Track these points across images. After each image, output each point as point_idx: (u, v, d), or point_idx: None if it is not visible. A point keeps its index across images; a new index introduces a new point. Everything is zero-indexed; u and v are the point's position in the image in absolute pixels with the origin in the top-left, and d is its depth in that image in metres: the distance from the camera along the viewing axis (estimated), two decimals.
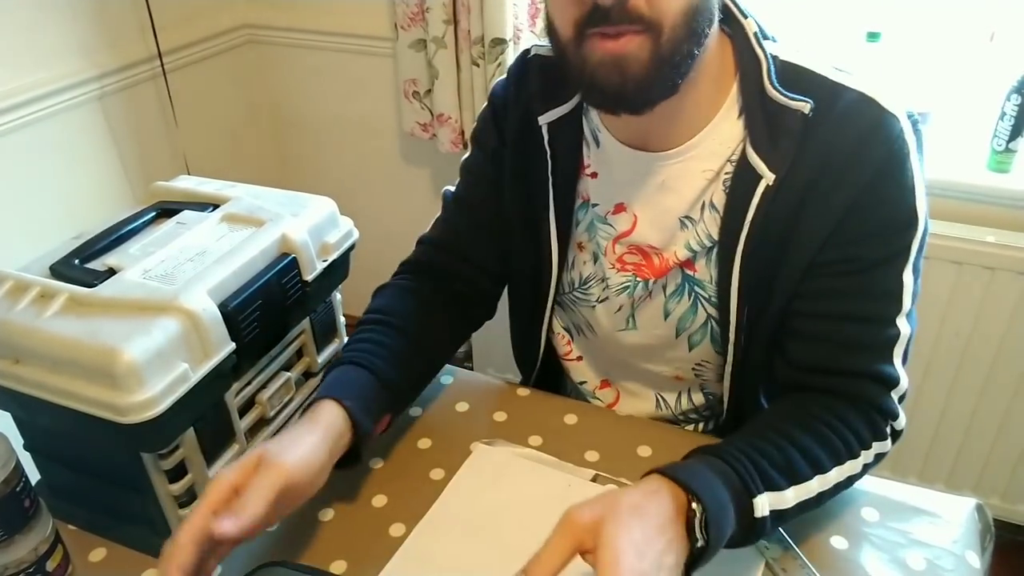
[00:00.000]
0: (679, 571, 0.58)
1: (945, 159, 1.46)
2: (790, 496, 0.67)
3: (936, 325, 1.48)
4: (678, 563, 0.58)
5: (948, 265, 1.43)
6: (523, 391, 0.95)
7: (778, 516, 0.66)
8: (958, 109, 1.52)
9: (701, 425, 0.95)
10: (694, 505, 0.59)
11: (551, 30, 0.72)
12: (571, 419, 0.90)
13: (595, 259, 0.87)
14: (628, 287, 0.85)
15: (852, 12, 1.52)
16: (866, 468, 0.73)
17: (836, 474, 0.70)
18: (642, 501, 0.58)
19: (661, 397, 0.94)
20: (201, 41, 1.90)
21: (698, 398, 0.92)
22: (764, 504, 0.64)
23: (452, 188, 0.96)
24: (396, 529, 0.77)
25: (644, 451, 0.85)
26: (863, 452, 0.72)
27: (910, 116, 0.73)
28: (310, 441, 0.69)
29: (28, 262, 0.76)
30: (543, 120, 0.83)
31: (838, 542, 0.74)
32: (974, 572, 0.72)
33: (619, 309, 0.87)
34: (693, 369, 0.88)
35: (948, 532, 0.75)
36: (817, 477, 0.69)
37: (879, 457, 0.74)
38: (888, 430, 0.75)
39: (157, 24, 1.71)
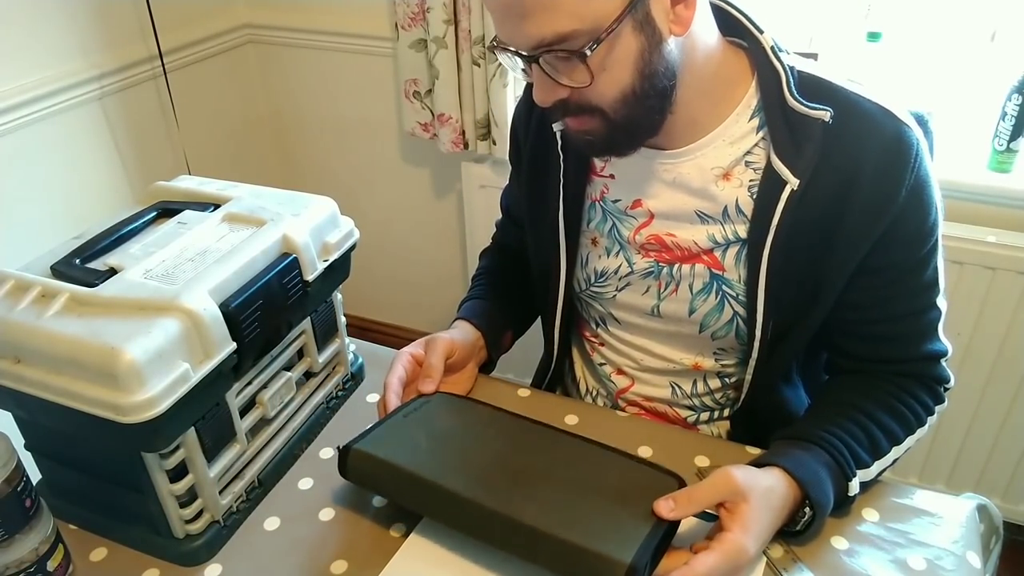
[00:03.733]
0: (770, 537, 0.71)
1: (946, 159, 1.46)
2: (874, 469, 0.78)
3: None
4: (772, 533, 0.71)
5: (949, 265, 1.42)
6: (524, 391, 0.95)
7: (863, 486, 0.77)
8: (959, 109, 1.52)
9: (716, 413, 0.97)
10: (807, 509, 0.72)
11: None
12: (572, 419, 0.90)
13: (610, 253, 0.91)
14: (652, 271, 0.89)
15: (852, 12, 1.52)
16: (929, 427, 0.84)
17: (908, 442, 0.82)
18: (774, 486, 0.70)
19: (676, 384, 0.96)
20: (201, 41, 1.90)
21: (714, 383, 0.94)
22: (856, 484, 0.75)
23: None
24: (396, 529, 0.77)
25: (645, 451, 0.85)
26: (929, 417, 0.84)
27: (918, 117, 0.78)
28: (456, 328, 0.95)
29: (29, 262, 0.76)
30: (557, 127, 0.88)
31: (838, 542, 0.74)
32: (975, 572, 0.72)
33: (646, 291, 0.90)
34: (714, 354, 0.92)
35: (948, 532, 0.75)
36: (894, 448, 0.80)
37: (939, 414, 0.86)
38: (943, 391, 0.86)
39: (157, 24, 1.71)
